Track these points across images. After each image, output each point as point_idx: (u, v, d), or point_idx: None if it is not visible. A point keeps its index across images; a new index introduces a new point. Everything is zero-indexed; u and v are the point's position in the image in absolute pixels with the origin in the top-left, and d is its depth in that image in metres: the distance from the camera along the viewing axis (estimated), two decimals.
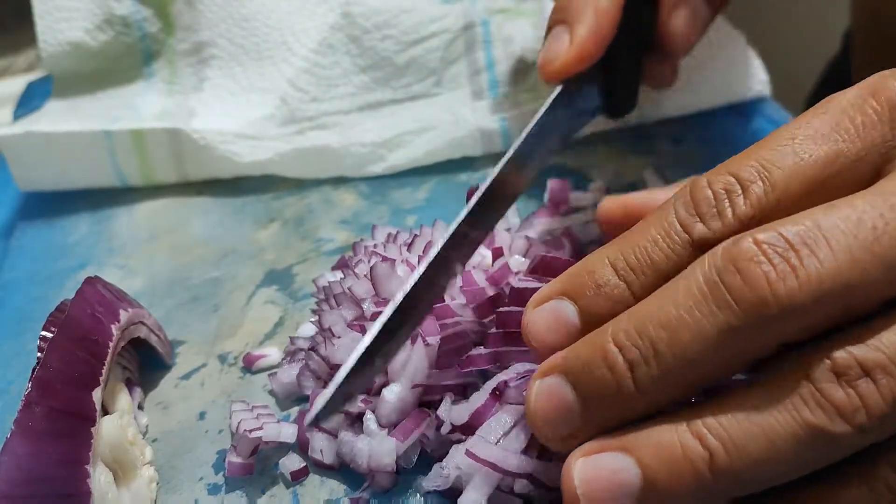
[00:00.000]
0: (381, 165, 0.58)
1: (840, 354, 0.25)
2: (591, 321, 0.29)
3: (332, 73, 0.61)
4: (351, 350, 0.37)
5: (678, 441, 0.25)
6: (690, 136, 0.59)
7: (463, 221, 0.35)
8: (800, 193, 0.27)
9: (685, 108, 0.59)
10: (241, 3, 0.63)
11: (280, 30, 0.63)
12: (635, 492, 0.26)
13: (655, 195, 0.42)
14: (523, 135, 0.38)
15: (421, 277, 0.33)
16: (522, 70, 0.62)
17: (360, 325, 0.39)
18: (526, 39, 0.63)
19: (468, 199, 0.36)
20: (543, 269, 0.36)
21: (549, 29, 0.44)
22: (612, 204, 0.43)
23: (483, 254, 0.43)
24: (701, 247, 0.27)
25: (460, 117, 0.58)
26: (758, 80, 0.59)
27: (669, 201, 0.29)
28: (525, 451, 0.33)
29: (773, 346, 0.26)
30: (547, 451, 0.33)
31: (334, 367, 0.39)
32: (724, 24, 0.61)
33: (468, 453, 0.32)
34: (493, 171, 0.36)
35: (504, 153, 0.37)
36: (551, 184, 0.49)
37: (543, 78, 0.43)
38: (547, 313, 0.30)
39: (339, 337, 0.39)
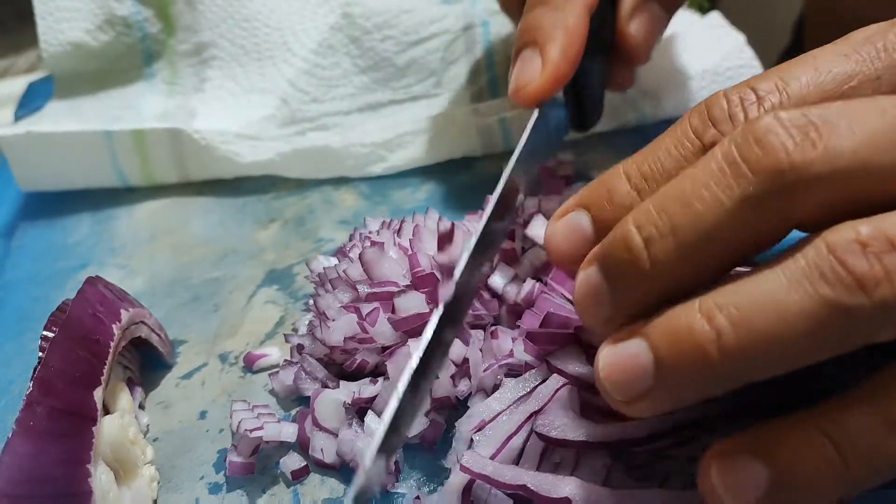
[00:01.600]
0: (381, 166, 0.58)
1: (865, 227, 0.24)
2: (603, 229, 0.29)
3: (332, 73, 0.61)
4: (344, 332, 0.38)
5: (687, 321, 0.25)
6: None
7: (473, 251, 0.34)
8: (816, 103, 0.26)
9: (685, 108, 0.59)
10: (241, 4, 0.63)
11: (280, 30, 0.63)
12: (649, 375, 0.26)
13: None
14: (510, 164, 0.38)
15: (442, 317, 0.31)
16: None
17: (354, 307, 0.39)
18: None
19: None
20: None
21: (518, 52, 0.42)
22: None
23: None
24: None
25: (460, 117, 0.58)
26: None
27: (686, 113, 0.29)
28: (520, 460, 0.33)
29: (793, 223, 0.25)
30: (545, 460, 0.33)
31: (332, 349, 0.39)
32: (724, 24, 0.62)
33: (462, 468, 0.32)
34: (490, 204, 0.37)
35: (504, 153, 0.37)
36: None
37: (518, 103, 0.41)
38: (563, 224, 0.31)
39: (333, 320, 0.39)
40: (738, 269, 0.27)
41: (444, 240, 0.40)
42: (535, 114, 0.40)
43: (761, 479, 0.25)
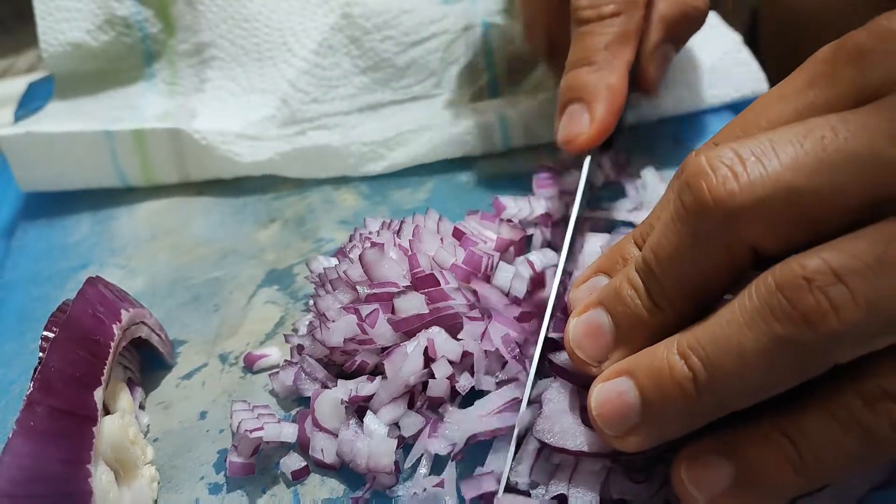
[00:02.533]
0: (381, 164, 0.58)
1: (811, 261, 0.25)
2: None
3: (332, 73, 0.61)
4: (344, 333, 0.39)
5: (667, 362, 0.28)
6: (689, 135, 0.59)
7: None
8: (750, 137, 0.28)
9: (684, 107, 0.59)
10: (241, 4, 0.63)
11: (280, 31, 0.63)
12: (636, 412, 0.29)
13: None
14: (577, 202, 0.44)
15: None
16: (522, 71, 0.63)
17: (354, 309, 0.39)
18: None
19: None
20: None
21: (564, 106, 0.46)
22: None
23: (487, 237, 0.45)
24: None
25: (460, 115, 0.58)
26: (754, 78, 0.59)
27: (671, 179, 0.32)
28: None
29: (742, 251, 0.27)
30: (545, 461, 0.34)
31: (332, 350, 0.39)
32: (722, 25, 0.62)
33: None
34: (567, 237, 0.42)
35: (503, 153, 0.37)
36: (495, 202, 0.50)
37: (569, 152, 0.46)
38: (587, 287, 0.35)
39: (333, 321, 0.40)
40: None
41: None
42: (588, 160, 0.46)
43: (725, 474, 0.28)
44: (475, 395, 0.38)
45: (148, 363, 0.44)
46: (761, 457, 0.27)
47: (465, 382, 0.37)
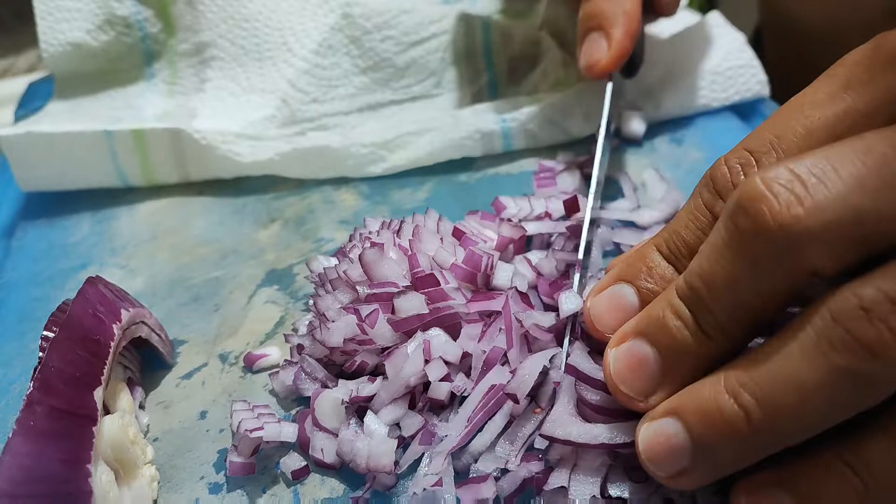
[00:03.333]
0: (381, 166, 0.58)
1: (867, 290, 0.24)
2: (647, 300, 0.32)
3: (332, 73, 0.61)
4: (344, 333, 0.39)
5: (716, 402, 0.27)
6: (690, 136, 0.59)
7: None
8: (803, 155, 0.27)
9: (685, 108, 0.59)
10: (241, 4, 0.63)
11: (280, 31, 0.63)
12: (687, 454, 0.28)
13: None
14: (602, 128, 0.48)
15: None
16: (522, 71, 0.63)
17: (354, 309, 0.39)
18: (526, 40, 0.63)
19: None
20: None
21: (584, 34, 0.50)
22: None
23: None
24: None
25: (460, 118, 0.58)
26: (756, 80, 0.59)
27: (697, 186, 0.32)
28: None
29: (804, 276, 0.26)
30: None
31: (332, 350, 0.39)
32: (724, 25, 0.61)
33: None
34: (595, 167, 0.46)
35: (504, 154, 0.38)
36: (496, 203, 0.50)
37: (590, 76, 0.50)
38: (608, 297, 0.33)
39: (333, 321, 0.39)
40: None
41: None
42: (610, 85, 0.50)
43: None
44: None
45: (148, 363, 0.44)
46: (824, 488, 0.26)
47: (460, 383, 0.37)
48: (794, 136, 0.29)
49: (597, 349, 0.35)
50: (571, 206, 0.46)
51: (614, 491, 0.32)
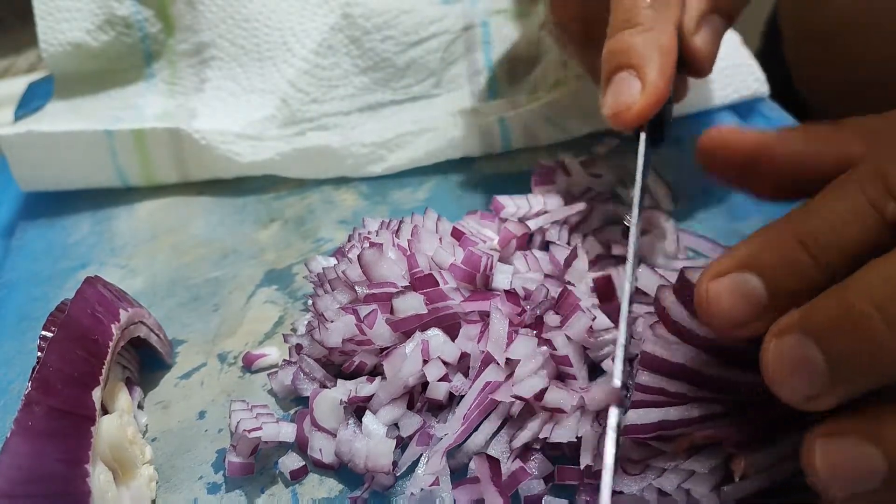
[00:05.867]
0: (381, 166, 0.58)
1: None
2: (779, 297, 0.28)
3: (332, 74, 0.61)
4: (342, 333, 0.38)
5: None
6: (689, 136, 0.59)
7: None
8: None
9: (684, 108, 0.59)
10: (241, 4, 0.63)
11: (280, 31, 0.63)
12: (879, 478, 0.25)
13: (766, 138, 0.37)
14: (637, 189, 0.40)
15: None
16: (522, 71, 0.63)
17: (353, 309, 0.39)
18: (526, 40, 0.63)
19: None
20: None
21: (610, 74, 0.41)
22: (715, 138, 0.39)
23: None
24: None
25: (460, 118, 0.58)
26: (755, 79, 0.59)
27: (852, 177, 0.28)
28: None
29: None
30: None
31: (330, 350, 0.39)
32: None
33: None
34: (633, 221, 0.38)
35: (503, 154, 0.37)
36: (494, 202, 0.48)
37: (619, 126, 0.41)
38: (731, 287, 0.29)
39: (331, 321, 0.39)
40: None
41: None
42: (643, 136, 0.41)
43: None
44: None
45: (147, 363, 0.44)
46: None
47: (458, 383, 0.37)
48: None
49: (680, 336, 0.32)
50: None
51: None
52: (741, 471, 0.30)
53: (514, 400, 0.35)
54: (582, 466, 0.34)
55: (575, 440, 0.34)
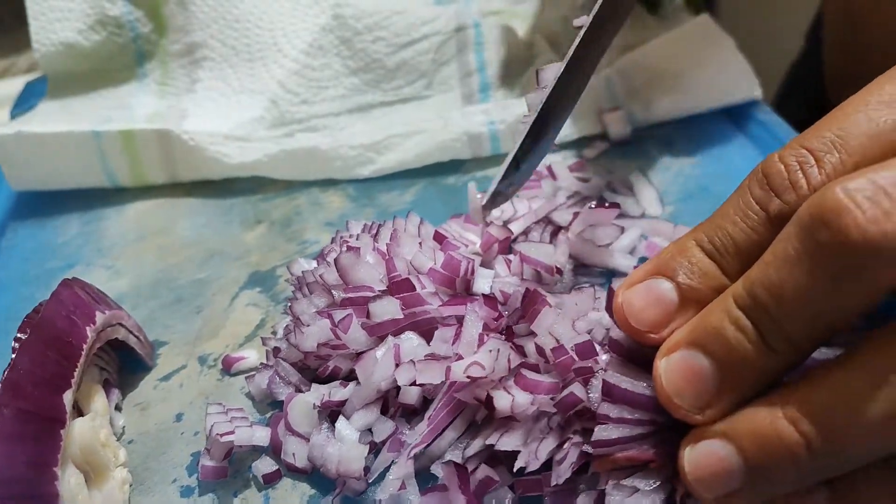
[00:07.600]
0: (369, 168, 0.58)
1: None
2: (687, 297, 0.30)
3: (322, 74, 0.61)
4: (318, 338, 0.38)
5: (774, 428, 0.26)
6: (681, 139, 0.58)
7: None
8: (880, 158, 0.26)
9: (676, 111, 0.59)
10: (232, 5, 0.63)
11: (271, 31, 0.63)
12: (737, 477, 0.27)
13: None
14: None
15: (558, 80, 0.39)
16: (514, 73, 0.62)
17: (328, 313, 0.39)
18: (519, 42, 0.62)
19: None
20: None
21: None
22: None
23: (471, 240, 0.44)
24: (780, 221, 0.27)
25: (449, 121, 0.58)
26: (748, 83, 0.58)
27: (745, 181, 0.30)
28: None
29: (884, 292, 0.25)
30: None
31: (306, 355, 0.39)
32: (714, 28, 0.61)
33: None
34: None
35: (492, 157, 0.41)
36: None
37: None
38: (644, 291, 0.31)
39: (307, 325, 0.39)
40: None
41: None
42: None
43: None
44: None
45: (128, 364, 0.44)
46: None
47: (431, 388, 0.37)
48: (858, 137, 0.27)
49: (631, 357, 0.32)
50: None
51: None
52: (682, 489, 0.30)
53: (477, 403, 0.35)
54: (515, 469, 0.33)
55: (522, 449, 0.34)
